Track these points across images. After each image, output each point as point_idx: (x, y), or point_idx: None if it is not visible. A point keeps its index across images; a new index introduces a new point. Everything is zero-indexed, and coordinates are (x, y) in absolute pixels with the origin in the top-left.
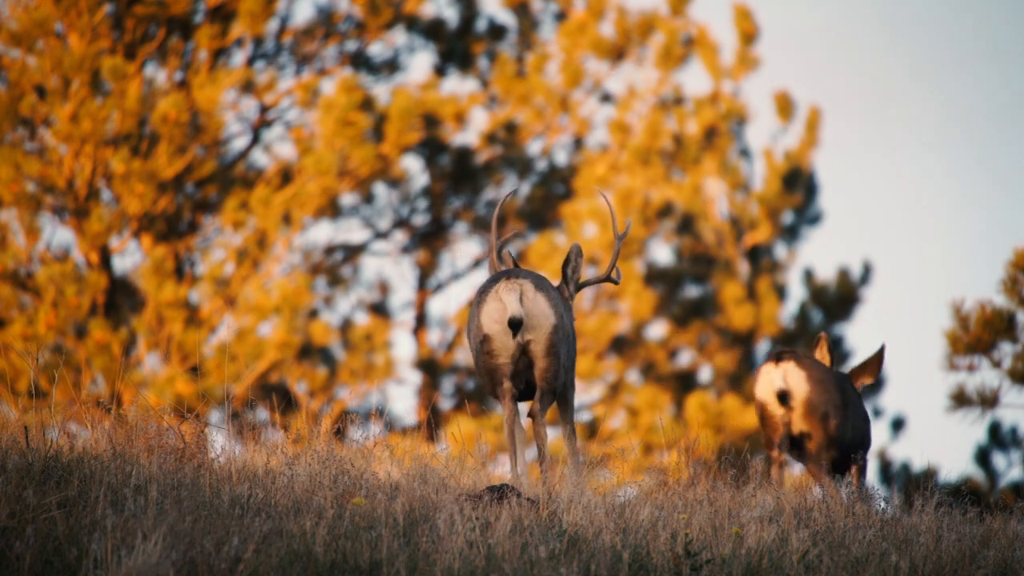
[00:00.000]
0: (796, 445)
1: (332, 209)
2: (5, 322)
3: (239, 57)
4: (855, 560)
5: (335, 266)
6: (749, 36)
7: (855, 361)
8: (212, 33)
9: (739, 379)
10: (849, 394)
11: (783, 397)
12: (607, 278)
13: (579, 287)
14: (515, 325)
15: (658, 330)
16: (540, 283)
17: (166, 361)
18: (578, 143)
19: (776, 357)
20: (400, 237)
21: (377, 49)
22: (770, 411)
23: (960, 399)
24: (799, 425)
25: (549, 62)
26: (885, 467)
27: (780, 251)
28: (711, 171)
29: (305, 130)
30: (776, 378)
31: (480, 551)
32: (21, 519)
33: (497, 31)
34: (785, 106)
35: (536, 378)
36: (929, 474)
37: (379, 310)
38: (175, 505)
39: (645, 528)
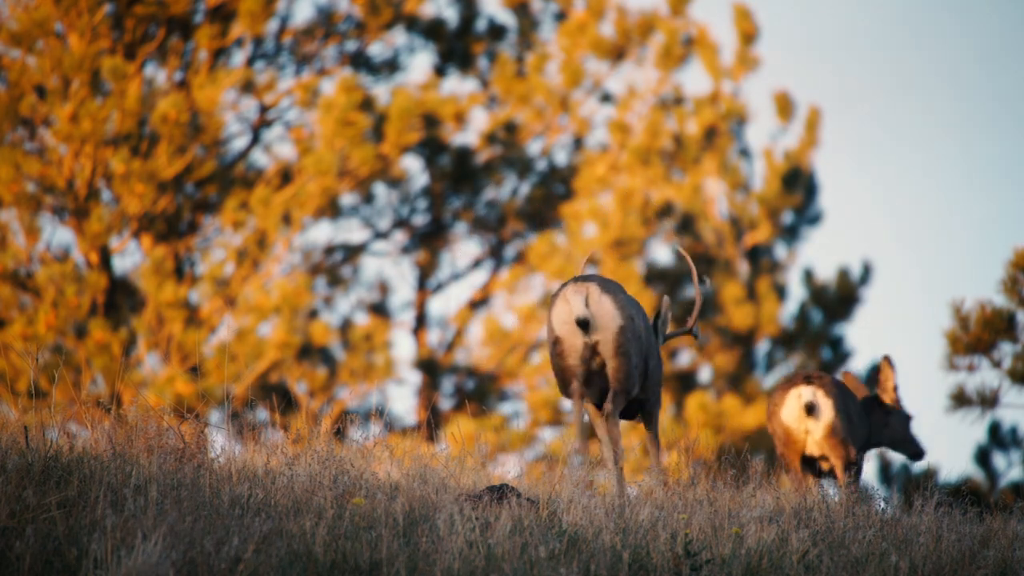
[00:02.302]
0: (810, 465)
1: (332, 209)
2: (5, 322)
3: (239, 57)
4: (855, 560)
5: (335, 266)
6: (749, 36)
7: (854, 362)
8: (212, 33)
9: (739, 379)
10: (859, 414)
11: (810, 409)
12: (688, 331)
13: (666, 338)
14: (583, 325)
15: None
16: (607, 286)
17: (166, 361)
18: (578, 143)
19: (805, 379)
20: (400, 237)
21: (377, 49)
22: (794, 434)
23: (960, 399)
24: (820, 447)
25: (549, 62)
26: (885, 467)
27: (780, 251)
28: (711, 171)
29: (305, 130)
30: (806, 394)
31: (480, 551)
32: (21, 519)
33: (497, 31)
34: (785, 106)
35: (609, 378)
36: (929, 474)
37: (379, 310)
38: (175, 505)
39: (645, 528)
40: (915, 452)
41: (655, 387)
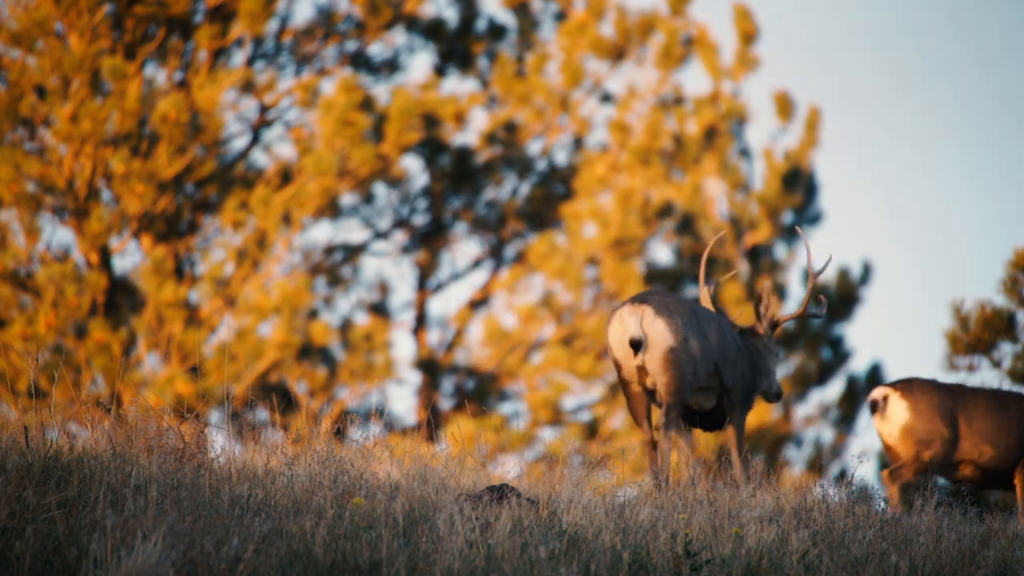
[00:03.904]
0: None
1: (332, 209)
2: (5, 322)
3: (239, 57)
4: (855, 560)
5: (335, 266)
6: (749, 36)
7: (854, 362)
8: (212, 33)
9: None
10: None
11: (873, 407)
12: (807, 314)
13: (774, 324)
14: (635, 346)
15: None
16: (664, 308)
17: (166, 361)
18: (578, 143)
19: (889, 384)
20: (400, 237)
21: (377, 49)
22: (881, 436)
23: None
24: (897, 448)
25: (549, 62)
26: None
27: (780, 251)
28: (711, 171)
29: (305, 130)
30: (876, 394)
31: (480, 551)
32: (21, 519)
33: (497, 31)
34: (785, 106)
35: (659, 393)
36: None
37: (379, 310)
38: (175, 505)
39: (645, 528)
40: None
41: (739, 394)
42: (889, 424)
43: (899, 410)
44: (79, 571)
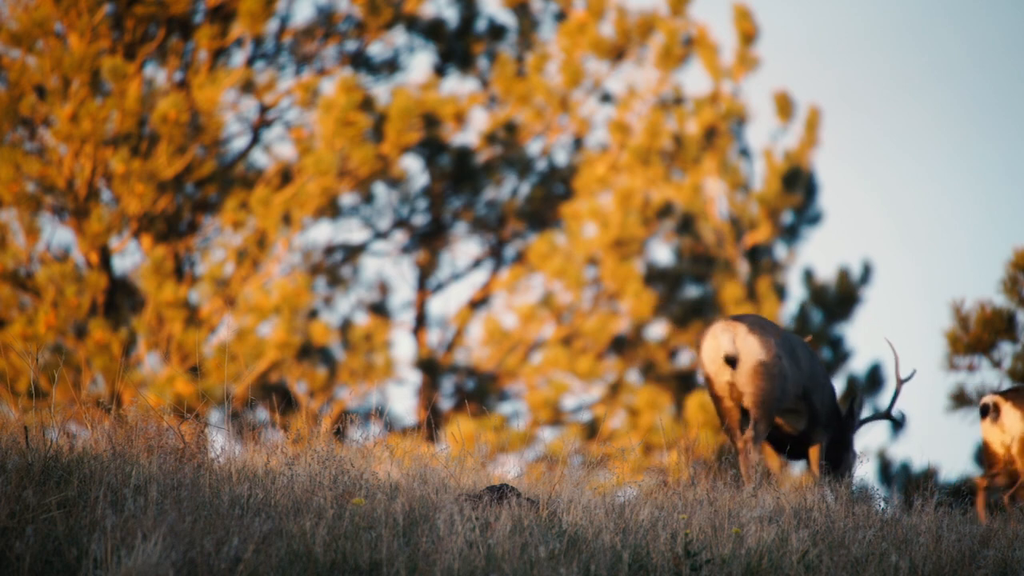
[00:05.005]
0: (1012, 477)
1: (332, 209)
2: (5, 322)
3: (239, 57)
4: (855, 560)
5: (335, 266)
6: (749, 36)
7: (854, 362)
8: (212, 33)
9: None
10: None
11: (984, 411)
12: (888, 416)
13: (861, 423)
14: (730, 362)
15: (658, 330)
16: (757, 326)
17: (166, 361)
18: (578, 143)
19: (1000, 392)
20: (400, 237)
21: (377, 49)
22: (990, 446)
23: (960, 399)
24: (1012, 458)
25: (549, 62)
26: (885, 467)
27: (780, 251)
28: (711, 171)
29: (305, 130)
30: (988, 401)
31: (480, 551)
32: (21, 519)
33: (497, 31)
34: (785, 106)
35: (747, 405)
36: (929, 474)
37: (379, 310)
38: (175, 505)
39: (645, 528)
40: None
41: (825, 419)
42: (1004, 434)
43: (1014, 420)
44: (79, 571)
